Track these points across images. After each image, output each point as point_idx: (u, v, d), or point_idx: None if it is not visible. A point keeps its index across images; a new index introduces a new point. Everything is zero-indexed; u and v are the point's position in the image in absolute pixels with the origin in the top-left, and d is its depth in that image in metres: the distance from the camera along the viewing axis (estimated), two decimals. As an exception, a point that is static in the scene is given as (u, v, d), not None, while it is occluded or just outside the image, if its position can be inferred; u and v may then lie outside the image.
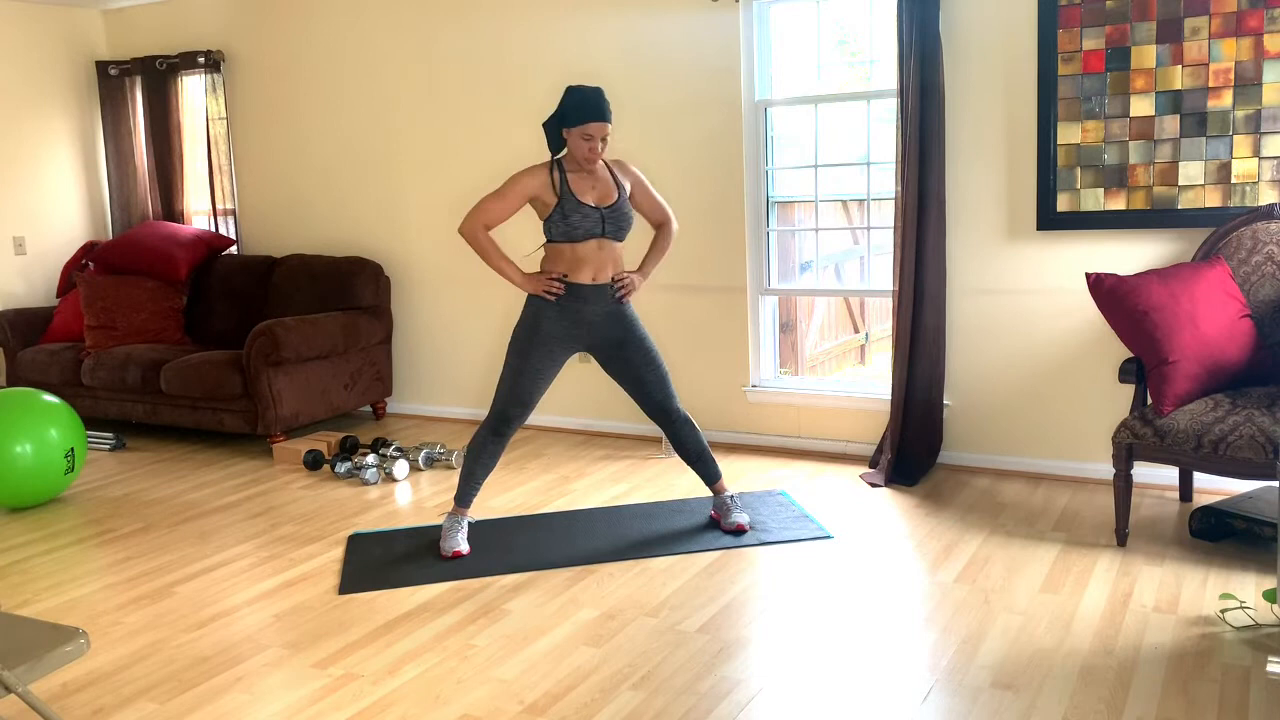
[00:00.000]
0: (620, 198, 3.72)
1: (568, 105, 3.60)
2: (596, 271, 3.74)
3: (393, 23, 5.80)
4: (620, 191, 3.73)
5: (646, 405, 3.91)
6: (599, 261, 3.73)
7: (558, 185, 3.67)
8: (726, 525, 3.95)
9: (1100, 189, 4.18)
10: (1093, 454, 4.38)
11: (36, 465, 4.50)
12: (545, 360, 3.75)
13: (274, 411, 5.33)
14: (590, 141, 3.60)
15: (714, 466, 4.02)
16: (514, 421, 3.80)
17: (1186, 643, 2.93)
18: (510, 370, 3.77)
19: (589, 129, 3.58)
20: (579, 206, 3.65)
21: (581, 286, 3.73)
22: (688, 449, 3.97)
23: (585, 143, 3.60)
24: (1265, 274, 3.75)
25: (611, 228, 3.70)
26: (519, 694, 2.81)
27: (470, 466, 3.87)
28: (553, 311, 3.73)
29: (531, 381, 3.76)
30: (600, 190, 3.71)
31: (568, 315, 3.75)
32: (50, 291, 6.67)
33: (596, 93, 3.60)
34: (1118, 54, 4.08)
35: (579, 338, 3.80)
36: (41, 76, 6.59)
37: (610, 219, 3.69)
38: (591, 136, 3.59)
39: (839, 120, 5.25)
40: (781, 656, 2.96)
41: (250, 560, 3.90)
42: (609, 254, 3.75)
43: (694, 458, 3.99)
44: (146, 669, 3.05)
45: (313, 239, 6.32)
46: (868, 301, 7.66)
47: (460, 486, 3.90)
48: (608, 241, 3.73)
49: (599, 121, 3.58)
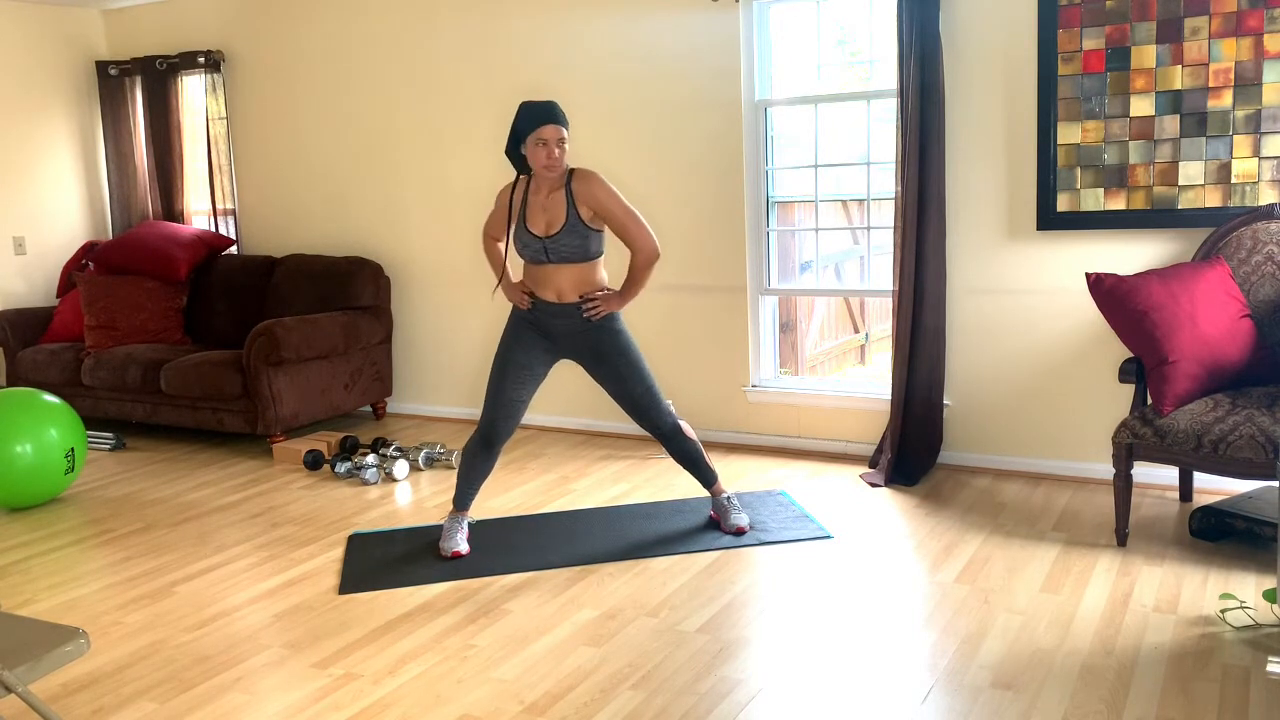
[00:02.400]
0: (566, 225, 3.64)
1: (519, 119, 3.62)
2: (558, 291, 3.73)
3: (393, 23, 5.80)
4: (569, 217, 3.65)
5: (633, 417, 3.91)
6: (557, 282, 3.72)
7: (515, 206, 3.73)
8: (726, 527, 3.95)
9: (1100, 189, 4.18)
10: (1093, 454, 4.38)
11: (36, 465, 4.50)
12: (522, 370, 3.78)
13: (274, 411, 5.33)
14: (546, 147, 3.58)
15: (709, 471, 4.01)
16: (502, 429, 3.80)
17: (1186, 643, 2.93)
18: (494, 378, 3.80)
19: (542, 133, 3.58)
20: (524, 233, 3.69)
21: (547, 303, 3.75)
22: (679, 456, 3.97)
23: (541, 149, 3.59)
24: (1265, 274, 3.75)
25: (555, 257, 3.68)
26: (519, 694, 2.81)
27: (463, 474, 3.89)
28: (526, 322, 3.79)
29: (513, 389, 3.78)
30: (549, 216, 3.68)
31: (539, 327, 3.79)
32: (50, 291, 6.67)
33: (547, 102, 3.63)
34: (1118, 54, 4.08)
35: (552, 350, 3.84)
36: (41, 76, 6.59)
37: (552, 249, 3.66)
38: (546, 141, 3.58)
39: (839, 120, 5.25)
40: (781, 656, 2.96)
41: (250, 560, 3.90)
42: (569, 275, 3.72)
43: (688, 464, 3.98)
44: (146, 669, 3.05)
45: (313, 239, 6.32)
46: (868, 301, 7.66)
47: (457, 489, 3.91)
48: (562, 265, 3.70)
49: (550, 124, 3.58)
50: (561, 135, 3.60)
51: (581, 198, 3.66)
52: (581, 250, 3.68)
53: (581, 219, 3.66)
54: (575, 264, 3.70)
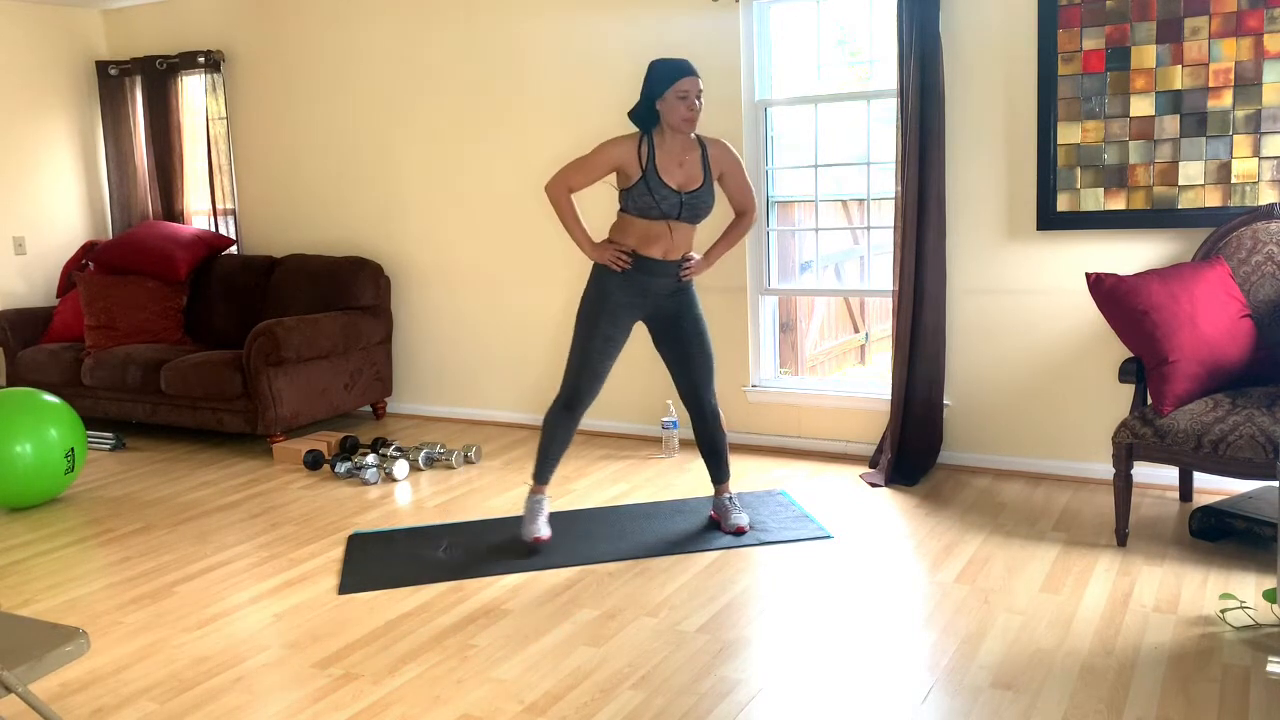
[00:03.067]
0: (705, 183, 3.69)
1: (654, 76, 3.60)
2: (667, 249, 3.72)
3: (393, 22, 5.80)
4: (706, 176, 3.70)
5: (683, 386, 3.90)
6: (670, 240, 3.71)
7: (644, 159, 3.64)
8: (727, 527, 3.95)
9: (1100, 189, 4.18)
10: (1093, 454, 4.38)
11: (36, 465, 4.50)
12: (613, 328, 3.75)
13: (274, 411, 5.33)
14: (686, 100, 3.57)
15: (726, 468, 4.01)
16: (586, 395, 3.81)
17: (1186, 643, 2.93)
18: (579, 342, 3.77)
19: (681, 86, 3.56)
20: (661, 186, 3.62)
21: (650, 260, 3.72)
22: (707, 442, 3.97)
23: (681, 102, 3.58)
24: (1265, 274, 3.75)
25: (689, 213, 3.68)
26: (519, 694, 2.81)
27: (545, 444, 3.88)
28: (618, 280, 3.72)
29: (602, 350, 3.75)
30: (687, 172, 3.68)
31: (633, 285, 3.73)
32: (50, 291, 6.67)
33: (681, 59, 3.62)
34: (1118, 54, 4.08)
35: (641, 305, 3.79)
36: (41, 76, 6.59)
37: (689, 205, 3.67)
38: (687, 93, 3.57)
39: (839, 120, 5.24)
40: (781, 656, 2.96)
41: (250, 560, 3.90)
42: (682, 234, 3.73)
43: (710, 452, 3.98)
44: (146, 669, 3.05)
45: (313, 239, 6.32)
46: (868, 301, 7.66)
47: (537, 464, 3.90)
48: (682, 223, 3.71)
49: (690, 76, 3.57)
50: (700, 88, 3.60)
51: (717, 161, 3.73)
52: (707, 211, 3.73)
53: (714, 181, 3.73)
54: (694, 224, 3.74)
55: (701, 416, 3.93)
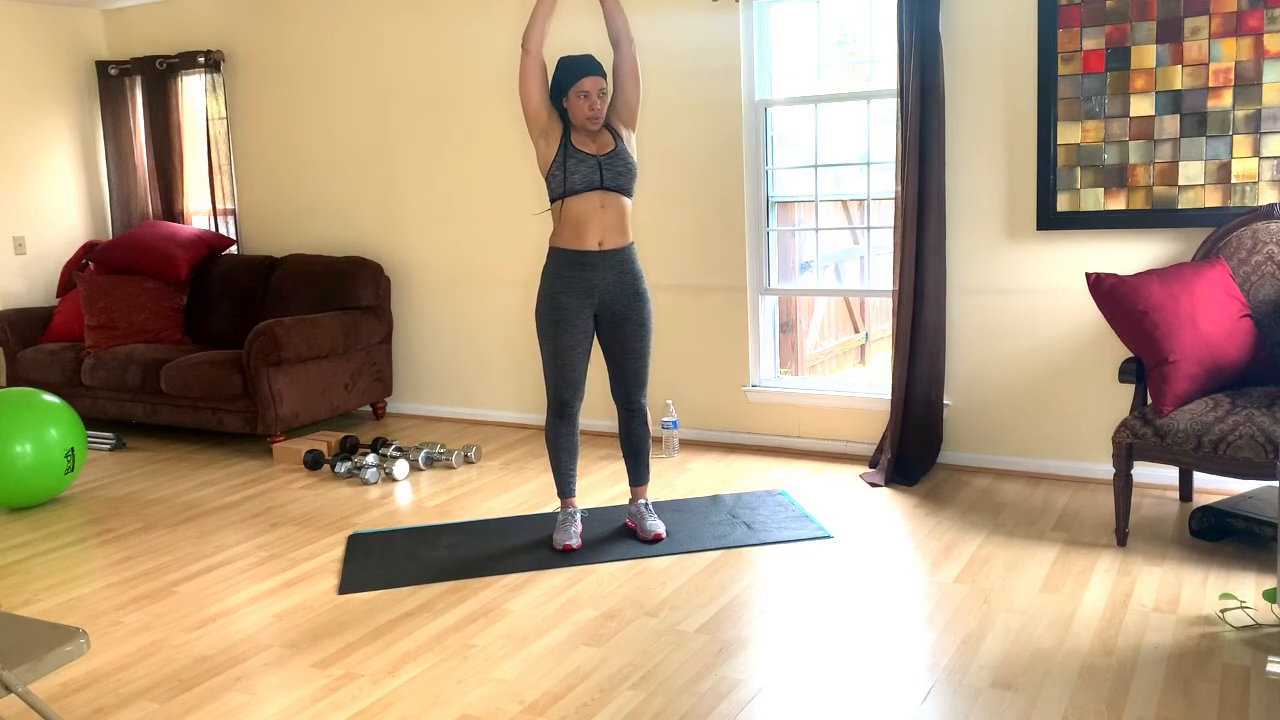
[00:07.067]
0: (619, 146, 3.71)
1: (558, 74, 3.64)
2: (602, 234, 3.70)
3: (392, 22, 5.79)
4: (619, 141, 3.72)
5: (615, 385, 3.90)
6: (602, 223, 3.69)
7: (560, 133, 3.68)
8: (643, 534, 3.90)
9: (1100, 189, 4.18)
10: (1093, 454, 4.38)
11: (36, 465, 4.50)
12: (570, 335, 3.74)
13: (274, 411, 5.33)
14: (587, 99, 3.60)
15: (646, 470, 3.99)
16: (572, 400, 3.81)
17: (1186, 643, 2.93)
18: (546, 356, 3.78)
19: (582, 85, 3.59)
20: (577, 152, 3.64)
21: (589, 253, 3.70)
22: (631, 441, 3.95)
23: (583, 101, 3.60)
24: (1265, 274, 3.75)
25: (610, 175, 3.67)
26: (519, 694, 2.81)
27: (554, 458, 3.89)
28: (563, 284, 3.72)
29: (568, 359, 3.76)
30: (599, 143, 3.71)
31: (577, 285, 3.72)
32: (50, 291, 6.67)
33: (584, 55, 3.64)
34: (1118, 54, 4.08)
35: (590, 304, 3.76)
36: (41, 76, 6.59)
37: (608, 165, 3.67)
38: (587, 93, 3.59)
39: (839, 120, 5.24)
40: (781, 656, 2.96)
41: (250, 560, 3.90)
42: (613, 213, 3.70)
43: (632, 451, 3.96)
44: (146, 669, 3.05)
45: (313, 239, 6.31)
46: (868, 301, 7.65)
47: (557, 477, 3.92)
48: (610, 196, 3.69)
49: (590, 76, 3.59)
50: (601, 86, 3.62)
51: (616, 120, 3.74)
52: (630, 173, 3.71)
53: (626, 144, 3.73)
54: (623, 194, 3.71)
55: (629, 414, 3.92)
